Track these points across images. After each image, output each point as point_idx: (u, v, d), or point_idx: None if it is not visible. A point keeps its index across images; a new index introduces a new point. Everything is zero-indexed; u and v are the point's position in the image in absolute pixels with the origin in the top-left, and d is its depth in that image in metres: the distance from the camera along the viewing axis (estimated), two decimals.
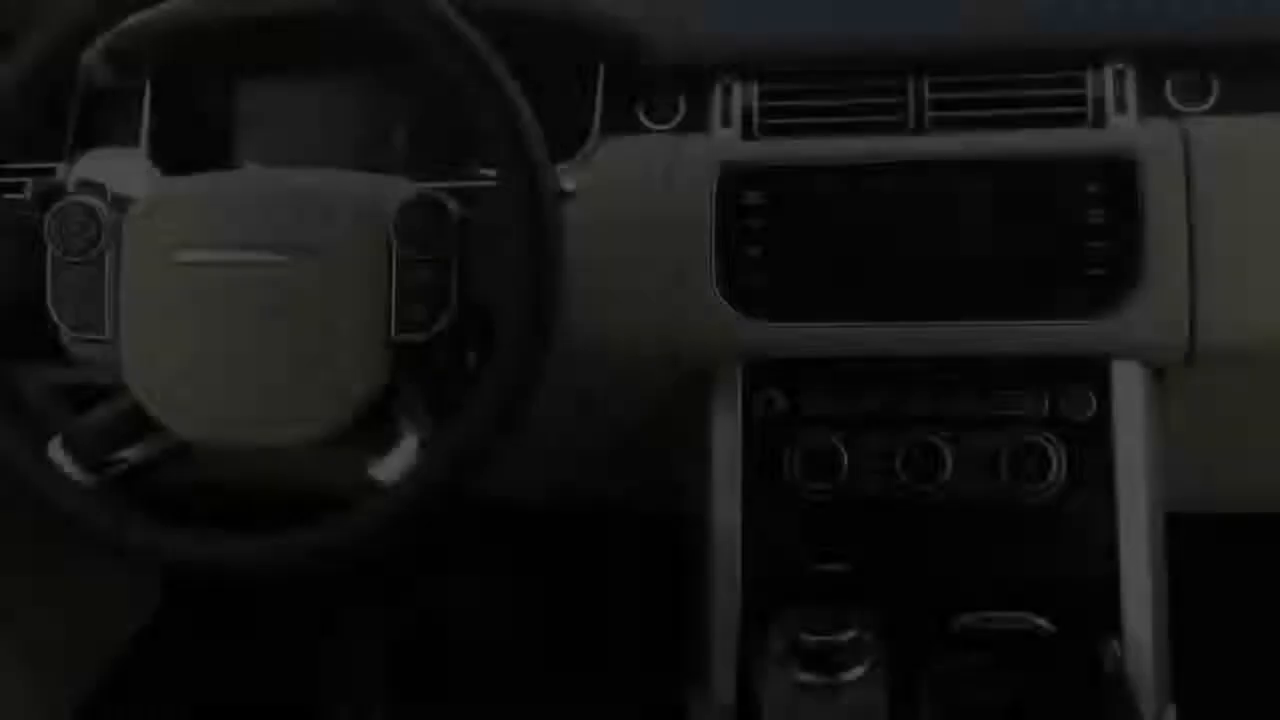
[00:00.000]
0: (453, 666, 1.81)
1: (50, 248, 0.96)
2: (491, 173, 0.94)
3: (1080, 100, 1.12)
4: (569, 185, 0.97)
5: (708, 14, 1.24)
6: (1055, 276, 1.08)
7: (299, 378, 0.93)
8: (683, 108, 1.19)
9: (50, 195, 0.99)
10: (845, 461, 1.10)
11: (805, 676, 0.96)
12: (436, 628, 1.84)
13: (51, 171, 1.24)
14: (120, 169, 1.21)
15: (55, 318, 0.97)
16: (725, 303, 1.11)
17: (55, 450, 0.96)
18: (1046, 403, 1.09)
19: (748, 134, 1.16)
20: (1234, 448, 1.22)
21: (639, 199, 1.13)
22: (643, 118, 1.20)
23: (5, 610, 1.40)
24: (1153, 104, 1.13)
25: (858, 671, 0.96)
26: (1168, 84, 1.13)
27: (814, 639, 0.96)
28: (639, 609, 1.80)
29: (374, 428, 0.94)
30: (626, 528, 1.69)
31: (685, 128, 1.18)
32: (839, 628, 0.96)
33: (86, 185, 1.01)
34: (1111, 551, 1.07)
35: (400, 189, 0.96)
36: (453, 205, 0.93)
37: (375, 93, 1.25)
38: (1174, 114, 1.12)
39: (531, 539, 1.81)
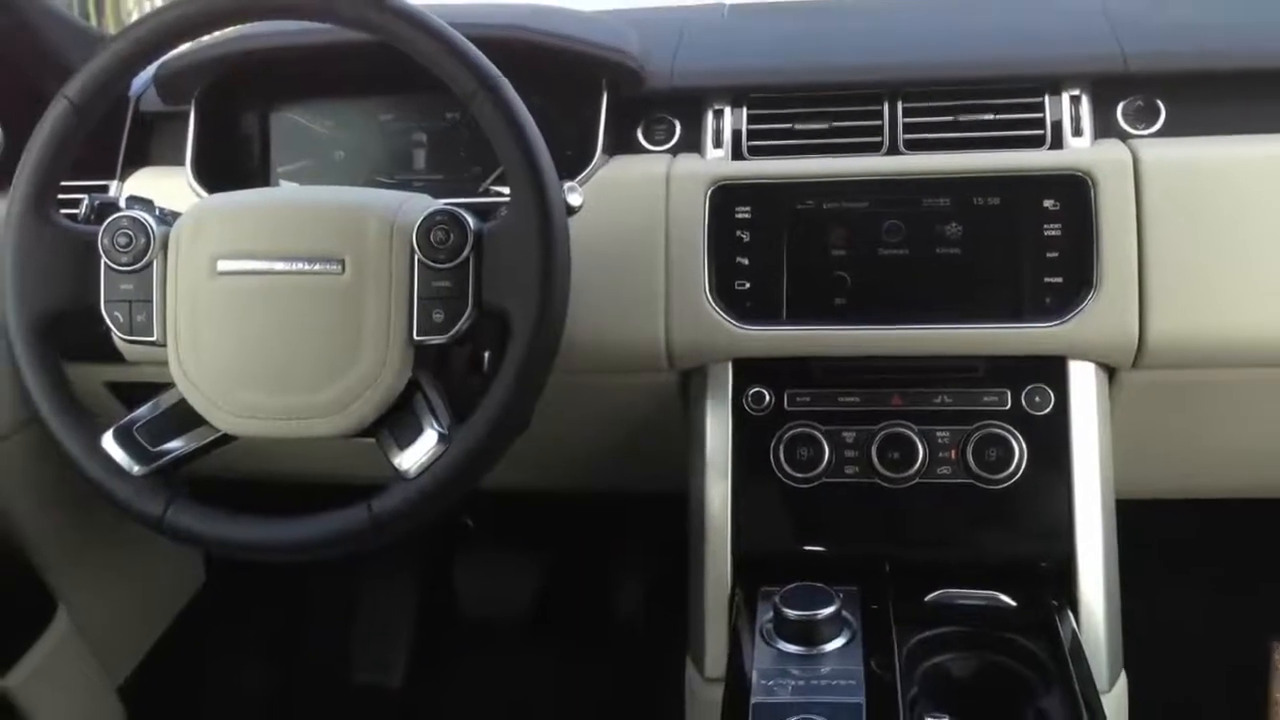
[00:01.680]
0: (467, 635, 1.81)
1: (104, 258, 0.96)
2: (505, 189, 0.94)
3: (1039, 124, 1.12)
4: (575, 200, 0.97)
5: (701, 46, 1.24)
6: (1017, 284, 1.08)
7: (329, 376, 0.93)
8: (678, 130, 1.19)
9: (104, 210, 0.99)
10: (826, 452, 1.10)
11: (789, 648, 0.96)
12: (453, 599, 1.84)
13: (105, 189, 1.24)
14: (167, 186, 1.20)
15: (109, 322, 0.96)
16: (717, 308, 1.11)
17: (109, 442, 0.96)
18: (1009, 398, 1.09)
19: (737, 154, 1.16)
20: (1178, 439, 1.22)
21: (639, 213, 1.13)
22: (642, 139, 1.20)
23: (58, 592, 1.39)
24: (1105, 127, 1.13)
25: (837, 643, 0.96)
26: (1119, 108, 1.13)
27: (797, 614, 0.96)
28: (641, 585, 1.80)
29: (398, 421, 0.93)
30: (627, 510, 1.69)
31: (680, 148, 1.18)
32: (820, 604, 0.96)
33: (137, 201, 1.00)
34: (1068, 533, 1.07)
35: (422, 204, 0.96)
36: (470, 218, 0.92)
37: (399, 117, 1.25)
38: (1125, 136, 1.12)
39: (541, 520, 1.81)
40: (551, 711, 1.70)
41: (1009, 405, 1.09)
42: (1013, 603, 1.03)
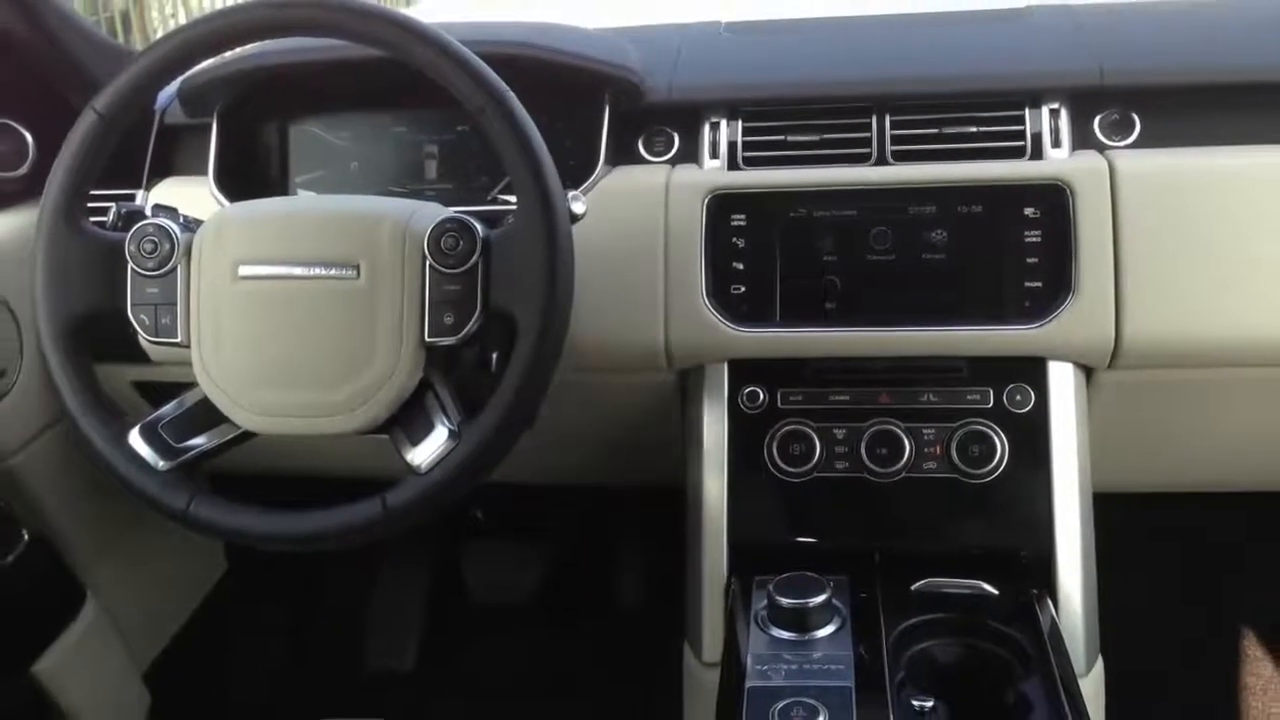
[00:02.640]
0: (475, 621, 1.81)
1: (131, 264, 0.96)
2: (512, 198, 0.94)
3: (1020, 135, 1.12)
4: (579, 208, 0.97)
5: (698, 62, 1.24)
6: (999, 288, 1.08)
7: (345, 375, 0.93)
8: (677, 142, 1.19)
9: (131, 218, 0.99)
10: (817, 448, 1.10)
11: (782, 634, 0.96)
12: (462, 587, 1.84)
13: (132, 198, 1.24)
14: (191, 195, 1.20)
15: (135, 324, 0.96)
16: (714, 310, 1.11)
17: (135, 439, 0.96)
18: (991, 397, 1.09)
19: (733, 164, 1.16)
20: (1152, 436, 1.23)
21: (639, 220, 1.13)
22: (642, 150, 1.20)
23: (86, 582, 1.40)
24: (1083, 139, 1.13)
25: (828, 630, 0.96)
26: (1096, 121, 1.13)
27: (789, 601, 0.96)
28: (641, 574, 1.80)
29: (410, 419, 0.93)
30: (628, 501, 1.69)
31: (679, 159, 1.18)
32: (811, 592, 0.96)
33: (162, 209, 1.00)
34: (1047, 525, 1.07)
35: (433, 212, 0.96)
36: (479, 226, 0.92)
37: (411, 129, 1.25)
38: (1101, 147, 1.12)
39: (546, 512, 1.81)
40: (555, 695, 1.70)
41: (991, 403, 1.09)
42: (995, 591, 1.03)
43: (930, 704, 0.88)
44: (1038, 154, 1.11)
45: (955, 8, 1.39)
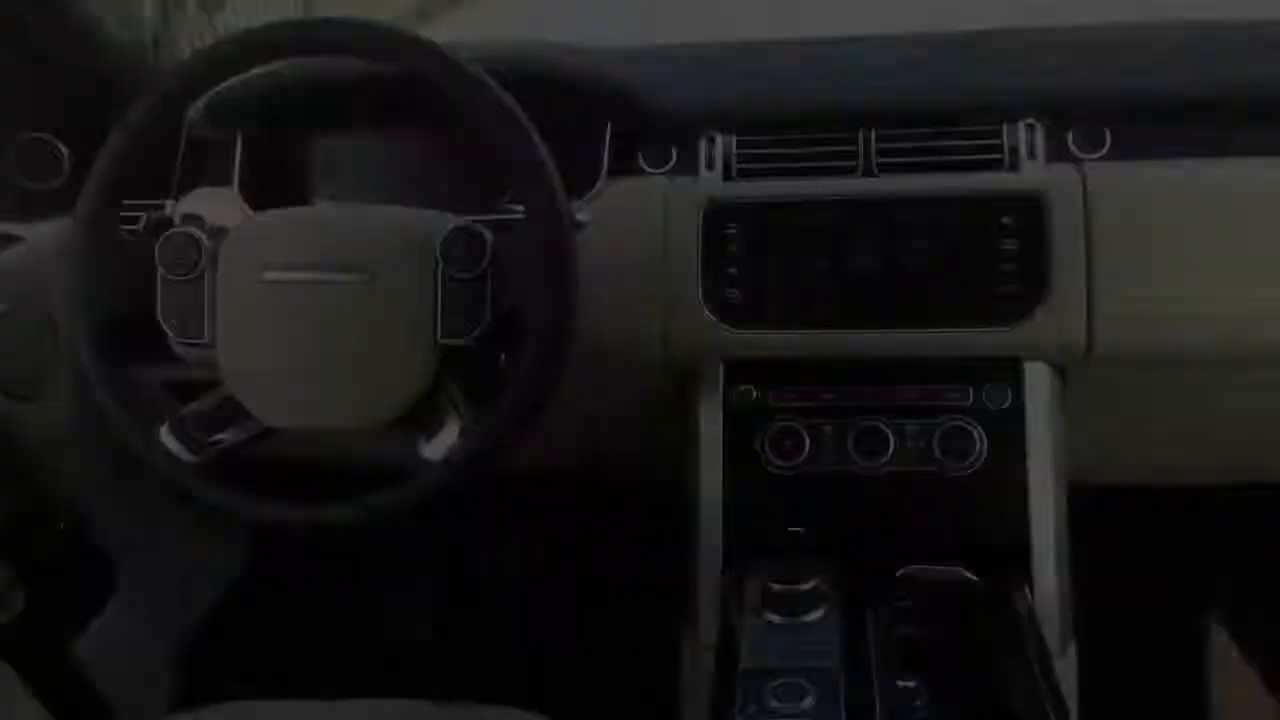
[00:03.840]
0: (484, 607, 1.81)
1: (160, 269, 0.96)
2: (519, 207, 0.95)
3: (998, 149, 1.12)
4: (583, 217, 0.97)
5: (695, 80, 1.24)
6: (978, 293, 1.08)
7: (362, 374, 0.93)
8: (674, 155, 1.18)
9: (160, 227, 0.99)
10: (807, 444, 1.10)
11: (774, 618, 0.96)
12: (472, 575, 1.85)
13: (161, 207, 1.24)
14: (217, 205, 1.20)
15: (164, 326, 0.97)
16: (709, 314, 1.11)
17: (165, 434, 0.96)
18: (971, 395, 1.09)
19: (728, 176, 1.16)
20: (1125, 431, 1.23)
21: (639, 229, 1.13)
22: (642, 163, 1.19)
23: (119, 568, 1.40)
24: (1057, 151, 1.13)
25: (817, 614, 0.96)
26: (1070, 135, 1.13)
27: (781, 588, 0.96)
28: (640, 561, 1.80)
29: (423, 415, 0.94)
30: (629, 493, 1.69)
31: (677, 171, 1.18)
32: (801, 579, 0.96)
33: (189, 218, 1.01)
34: (1024, 516, 1.07)
35: (445, 221, 0.96)
36: (488, 234, 0.93)
37: (425, 143, 1.25)
38: (1075, 160, 1.12)
39: (551, 504, 1.81)
40: (559, 679, 1.70)
41: (970, 401, 1.09)
42: (974, 578, 1.03)
43: (913, 683, 0.88)
44: (1015, 166, 1.11)
45: (936, 29, 1.39)
